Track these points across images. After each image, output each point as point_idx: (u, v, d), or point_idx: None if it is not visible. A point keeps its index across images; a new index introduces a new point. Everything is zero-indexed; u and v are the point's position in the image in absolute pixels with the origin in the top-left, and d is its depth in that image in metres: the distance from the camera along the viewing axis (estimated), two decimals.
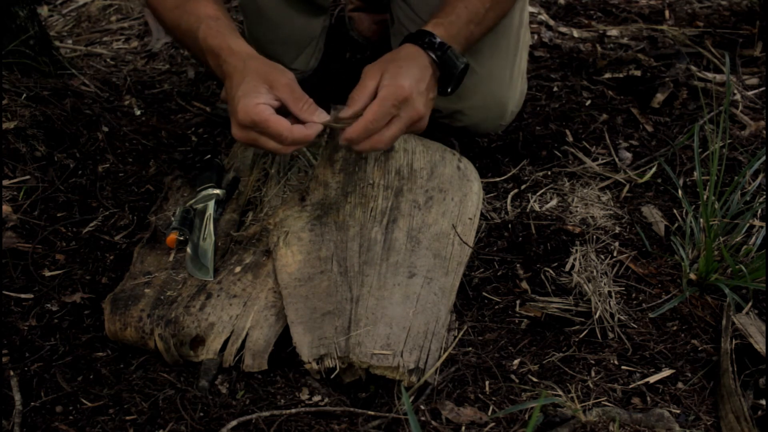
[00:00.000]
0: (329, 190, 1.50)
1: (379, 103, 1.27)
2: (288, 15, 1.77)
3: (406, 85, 1.29)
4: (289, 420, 1.16)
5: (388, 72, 1.31)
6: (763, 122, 1.88)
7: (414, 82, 1.30)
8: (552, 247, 1.49)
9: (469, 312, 1.40)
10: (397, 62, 1.33)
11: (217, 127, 1.89)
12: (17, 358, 1.28)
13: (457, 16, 1.44)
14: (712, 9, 2.41)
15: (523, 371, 1.27)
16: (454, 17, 1.44)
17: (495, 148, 1.77)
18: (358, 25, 2.12)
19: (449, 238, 1.45)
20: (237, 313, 1.31)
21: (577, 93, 1.98)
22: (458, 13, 1.44)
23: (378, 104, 1.27)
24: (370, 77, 1.31)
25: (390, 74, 1.30)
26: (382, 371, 1.23)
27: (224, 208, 1.54)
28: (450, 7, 1.45)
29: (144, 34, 2.41)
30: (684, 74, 2.02)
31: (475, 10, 1.46)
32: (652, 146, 1.80)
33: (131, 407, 1.18)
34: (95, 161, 1.71)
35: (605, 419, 1.14)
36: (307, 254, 1.39)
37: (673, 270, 1.46)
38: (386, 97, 1.27)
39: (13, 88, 1.75)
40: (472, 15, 1.46)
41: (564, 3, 2.48)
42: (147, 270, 1.40)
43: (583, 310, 1.37)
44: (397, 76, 1.29)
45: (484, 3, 1.47)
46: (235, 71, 1.30)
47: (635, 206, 1.62)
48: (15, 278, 1.43)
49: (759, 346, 1.27)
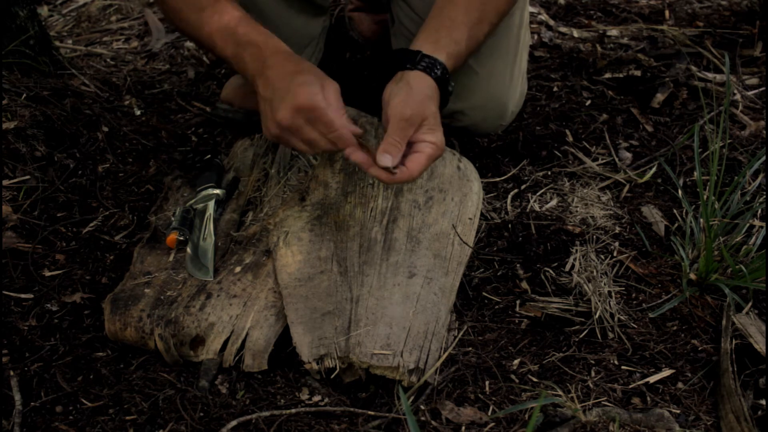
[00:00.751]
0: (329, 190, 1.50)
1: (428, 161, 1.34)
2: (288, 15, 1.77)
3: (442, 142, 1.35)
4: (289, 420, 1.16)
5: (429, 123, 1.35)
6: (763, 122, 1.88)
7: (443, 133, 1.37)
8: (552, 247, 1.49)
9: (469, 312, 1.40)
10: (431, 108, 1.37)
11: (217, 127, 1.89)
12: (17, 358, 1.28)
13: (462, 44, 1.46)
14: (712, 9, 2.41)
15: (523, 371, 1.27)
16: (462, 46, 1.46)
17: (495, 148, 1.77)
18: (358, 25, 2.12)
19: (449, 238, 1.45)
20: (237, 313, 1.31)
21: (577, 93, 1.98)
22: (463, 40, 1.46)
23: (427, 162, 1.33)
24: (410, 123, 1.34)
25: (431, 126, 1.35)
26: (382, 371, 1.23)
27: (224, 208, 1.54)
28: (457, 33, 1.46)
29: (144, 34, 2.41)
30: (684, 74, 2.02)
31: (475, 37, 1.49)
32: (652, 146, 1.80)
33: (131, 407, 1.18)
34: (95, 161, 1.71)
35: (605, 419, 1.14)
36: (307, 254, 1.39)
37: (673, 270, 1.46)
38: (432, 156, 1.34)
39: (13, 88, 1.75)
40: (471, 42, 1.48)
41: (564, 3, 2.48)
42: (147, 270, 1.40)
43: (583, 310, 1.37)
44: (437, 130, 1.35)
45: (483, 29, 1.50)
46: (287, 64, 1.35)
47: (635, 206, 1.62)
48: (15, 278, 1.43)
49: (759, 346, 1.27)
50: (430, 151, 1.33)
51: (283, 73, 1.34)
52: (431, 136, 1.34)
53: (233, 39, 1.40)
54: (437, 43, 1.44)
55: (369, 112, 1.64)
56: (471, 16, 1.47)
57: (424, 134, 1.34)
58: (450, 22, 1.47)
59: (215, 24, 1.41)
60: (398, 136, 1.32)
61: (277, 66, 1.35)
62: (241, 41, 1.39)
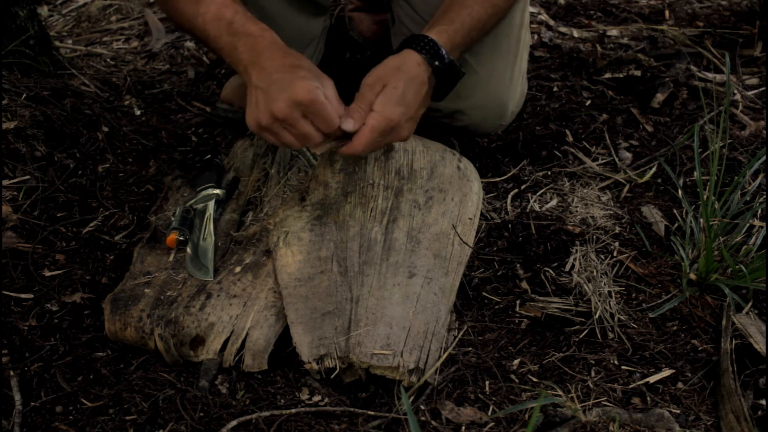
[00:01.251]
0: (329, 190, 1.50)
1: (369, 133, 1.32)
2: (289, 15, 1.77)
3: (396, 115, 1.34)
4: (289, 420, 1.16)
5: (385, 94, 1.34)
6: (763, 122, 1.88)
7: (405, 109, 1.35)
8: (552, 247, 1.49)
9: (469, 312, 1.40)
10: (396, 79, 1.36)
11: (217, 127, 1.89)
12: (17, 358, 1.28)
13: (461, 23, 1.45)
14: (712, 9, 2.41)
15: (523, 371, 1.27)
16: (458, 25, 1.45)
17: (495, 148, 1.77)
18: (358, 25, 2.12)
19: (449, 238, 1.45)
20: (237, 313, 1.31)
21: (577, 93, 1.98)
22: (462, 20, 1.46)
23: (368, 134, 1.32)
24: (371, 90, 1.35)
25: (386, 98, 1.34)
26: (382, 371, 1.23)
27: (224, 208, 1.54)
28: (453, 13, 1.46)
29: (144, 34, 2.41)
30: (684, 74, 2.02)
31: (478, 17, 1.48)
32: (652, 146, 1.80)
33: (131, 407, 1.18)
34: (95, 161, 1.71)
35: (605, 419, 1.15)
36: (307, 254, 1.39)
37: (673, 270, 1.46)
38: (375, 127, 1.33)
39: (13, 88, 1.75)
40: (474, 22, 1.47)
41: (564, 3, 2.48)
42: (147, 270, 1.40)
43: (583, 310, 1.37)
44: (390, 102, 1.34)
45: (486, 9, 1.48)
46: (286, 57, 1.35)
47: (635, 206, 1.62)
48: (15, 278, 1.43)
49: (759, 346, 1.27)
50: (373, 121, 1.32)
51: (282, 65, 1.33)
52: (381, 105, 1.33)
53: (228, 29, 1.39)
54: (431, 26, 1.45)
55: None
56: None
57: (376, 103, 1.33)
58: (447, 5, 1.48)
59: (210, 14, 1.40)
60: (360, 101, 1.34)
61: (275, 58, 1.35)
62: (237, 31, 1.38)
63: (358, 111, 1.33)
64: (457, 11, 1.46)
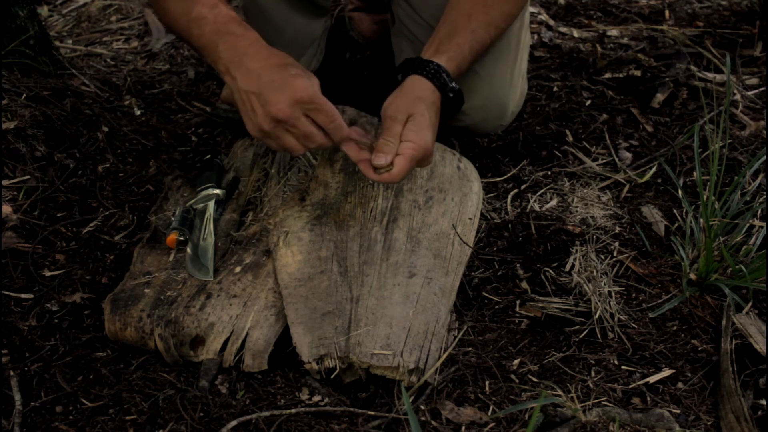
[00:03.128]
0: (329, 190, 1.50)
1: (408, 163, 1.34)
2: (290, 16, 1.76)
3: (430, 143, 1.36)
4: (289, 420, 1.16)
5: (415, 123, 1.36)
6: (763, 122, 1.88)
7: (434, 134, 1.38)
8: (552, 247, 1.49)
9: (469, 312, 1.40)
10: (421, 108, 1.38)
11: (217, 127, 1.89)
12: (17, 358, 1.28)
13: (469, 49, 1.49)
14: (712, 9, 2.41)
15: (523, 371, 1.28)
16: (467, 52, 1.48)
17: (495, 148, 1.77)
18: (358, 25, 2.12)
19: (449, 238, 1.45)
20: (237, 313, 1.31)
21: (577, 93, 1.98)
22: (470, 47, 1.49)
23: (406, 164, 1.34)
24: (395, 122, 1.36)
25: (417, 126, 1.36)
26: (382, 371, 1.23)
27: (224, 208, 1.54)
28: (461, 38, 1.48)
29: (144, 34, 2.41)
30: (684, 74, 2.02)
31: (482, 41, 1.51)
32: (652, 146, 1.80)
33: (131, 407, 1.18)
34: (95, 161, 1.71)
35: (605, 419, 1.15)
36: (307, 254, 1.39)
37: (673, 270, 1.46)
38: (414, 157, 1.35)
39: (13, 88, 1.75)
40: (478, 46, 1.51)
41: (564, 3, 2.48)
42: (147, 270, 1.40)
43: (583, 310, 1.37)
44: (422, 130, 1.36)
45: (490, 33, 1.52)
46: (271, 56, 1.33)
47: (635, 206, 1.62)
48: (15, 278, 1.43)
49: (759, 346, 1.27)
50: (411, 151, 1.34)
51: (269, 65, 1.31)
52: (413, 135, 1.35)
53: (210, 27, 1.36)
54: (438, 48, 1.47)
55: (369, 112, 1.64)
56: (475, 20, 1.49)
57: (407, 133, 1.35)
58: (452, 27, 1.49)
59: (195, 13, 1.38)
60: (388, 134, 1.35)
61: (260, 58, 1.32)
62: (219, 30, 1.36)
63: (387, 144, 1.34)
64: (464, 36, 1.48)
